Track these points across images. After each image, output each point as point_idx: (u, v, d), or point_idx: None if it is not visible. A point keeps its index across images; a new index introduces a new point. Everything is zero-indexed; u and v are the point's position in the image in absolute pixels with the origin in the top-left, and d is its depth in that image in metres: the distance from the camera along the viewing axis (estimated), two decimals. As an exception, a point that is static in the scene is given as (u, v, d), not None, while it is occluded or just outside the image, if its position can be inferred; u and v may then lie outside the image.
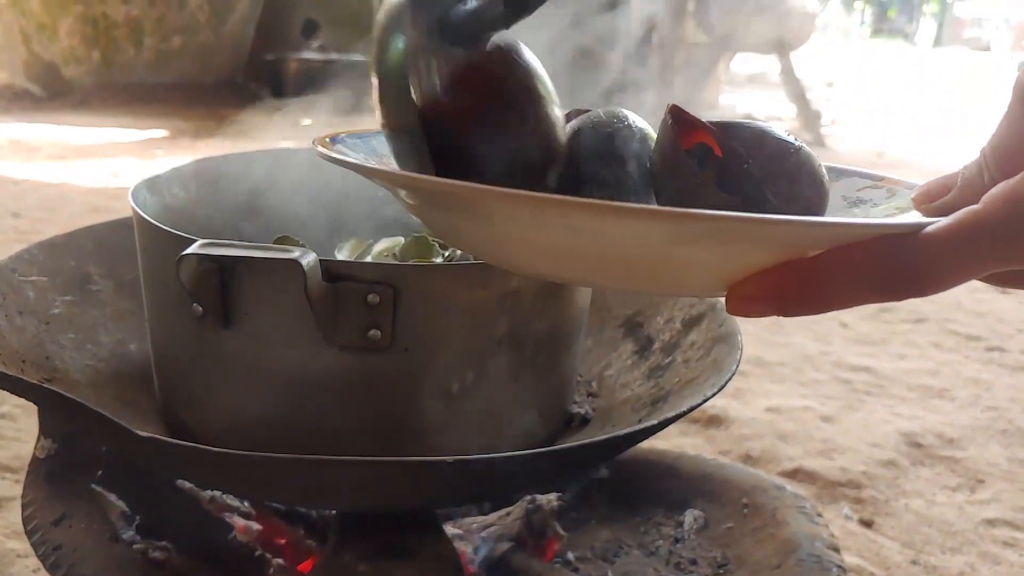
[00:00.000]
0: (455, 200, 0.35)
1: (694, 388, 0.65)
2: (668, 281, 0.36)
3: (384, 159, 0.45)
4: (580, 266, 0.35)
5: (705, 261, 0.32)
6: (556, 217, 0.32)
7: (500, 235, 0.35)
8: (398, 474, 0.53)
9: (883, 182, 0.44)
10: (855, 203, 0.44)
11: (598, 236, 0.32)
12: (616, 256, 0.33)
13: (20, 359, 0.64)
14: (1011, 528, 1.20)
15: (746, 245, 0.31)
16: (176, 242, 0.56)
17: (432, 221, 0.40)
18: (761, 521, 0.77)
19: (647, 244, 0.32)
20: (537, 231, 0.33)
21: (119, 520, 0.68)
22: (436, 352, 0.57)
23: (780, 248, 0.31)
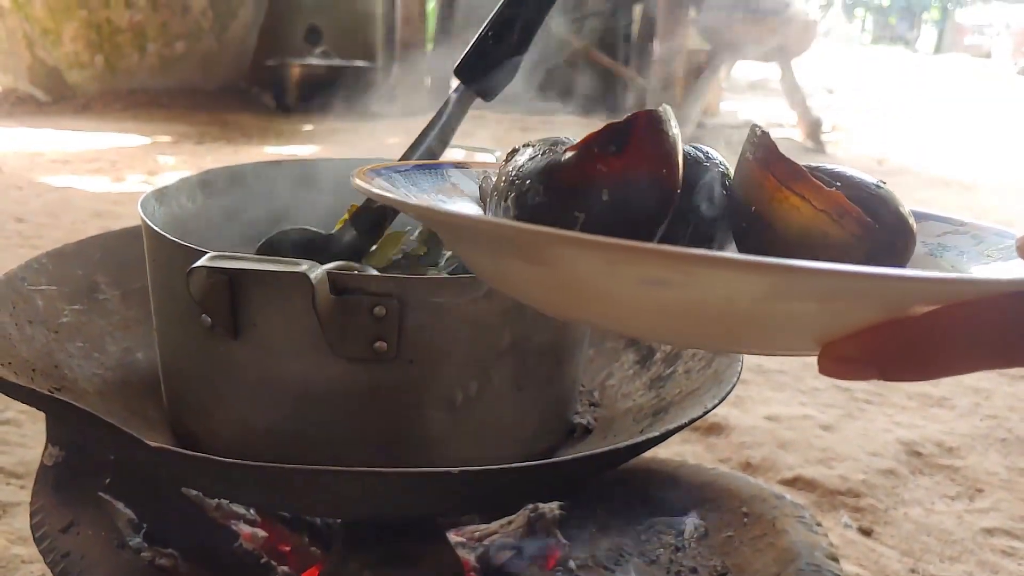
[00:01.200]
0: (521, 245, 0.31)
1: (695, 399, 0.66)
2: (753, 340, 0.33)
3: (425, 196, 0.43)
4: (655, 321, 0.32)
5: (801, 318, 0.29)
6: (636, 267, 0.28)
7: (566, 283, 0.31)
8: (404, 485, 0.54)
9: (965, 227, 0.41)
10: (936, 250, 0.40)
11: (683, 288, 0.28)
12: (698, 311, 0.30)
13: (31, 368, 0.64)
14: (1010, 537, 1.20)
15: (852, 301, 0.28)
16: (186, 254, 0.56)
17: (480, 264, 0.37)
18: (761, 530, 0.78)
19: (740, 298, 0.28)
20: (609, 281, 0.30)
21: (126, 527, 0.69)
22: (441, 363, 0.58)
23: (888, 306, 0.28)
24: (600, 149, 0.37)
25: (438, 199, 0.44)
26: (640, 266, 0.28)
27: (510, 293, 0.37)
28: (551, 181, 0.37)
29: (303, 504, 0.64)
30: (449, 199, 0.45)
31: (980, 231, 0.40)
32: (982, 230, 0.41)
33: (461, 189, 0.46)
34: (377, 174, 0.42)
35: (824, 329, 0.29)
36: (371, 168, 0.42)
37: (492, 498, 0.67)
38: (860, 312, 0.28)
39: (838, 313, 0.28)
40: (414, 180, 0.44)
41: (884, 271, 0.27)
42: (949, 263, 0.40)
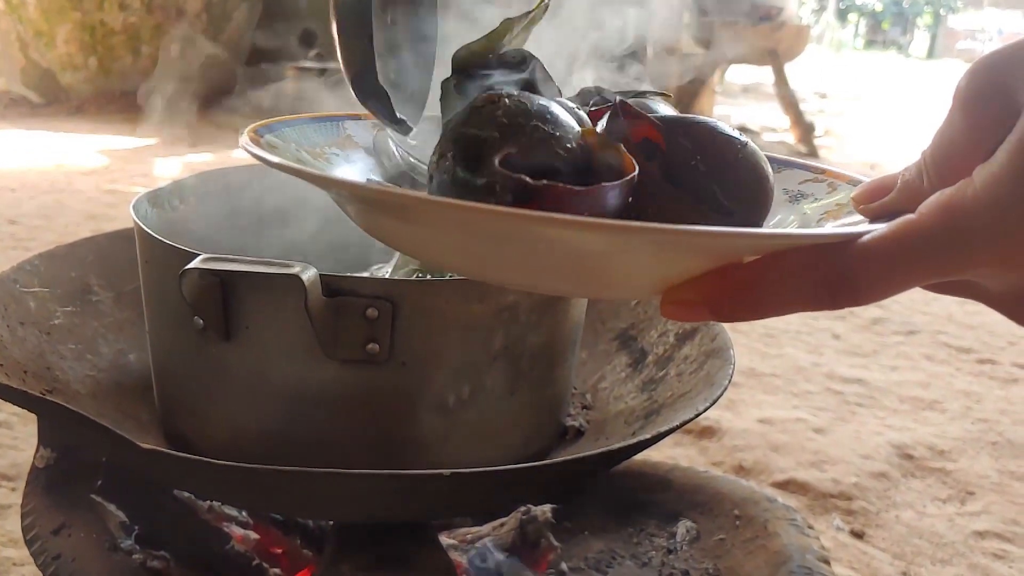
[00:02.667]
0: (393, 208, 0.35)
1: (687, 402, 0.66)
2: (600, 285, 0.36)
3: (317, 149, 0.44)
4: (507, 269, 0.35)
5: (639, 267, 0.32)
6: (488, 226, 0.31)
7: (431, 239, 0.35)
8: (396, 487, 0.54)
9: (824, 175, 0.44)
10: (796, 197, 0.44)
11: (526, 244, 0.32)
12: (545, 262, 0.33)
13: (22, 370, 0.64)
14: (1001, 540, 1.21)
15: (682, 253, 0.31)
16: (178, 256, 0.56)
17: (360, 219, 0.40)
18: (753, 533, 0.78)
19: (581, 253, 0.32)
20: (469, 239, 0.33)
21: (118, 530, 0.69)
22: (433, 366, 0.58)
23: (715, 256, 0.31)
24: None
25: (332, 152, 0.45)
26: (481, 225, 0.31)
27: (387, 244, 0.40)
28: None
29: (295, 506, 0.64)
30: (342, 152, 0.46)
31: (837, 180, 0.43)
32: (838, 178, 0.43)
33: (355, 141, 0.47)
34: (268, 130, 0.42)
35: (662, 276, 0.32)
36: (261, 124, 0.42)
37: (484, 500, 0.67)
38: (691, 261, 0.32)
39: (672, 262, 0.32)
40: (305, 134, 0.45)
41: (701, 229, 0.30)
42: (802, 210, 0.43)
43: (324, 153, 0.44)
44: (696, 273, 0.32)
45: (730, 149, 0.37)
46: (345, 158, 0.45)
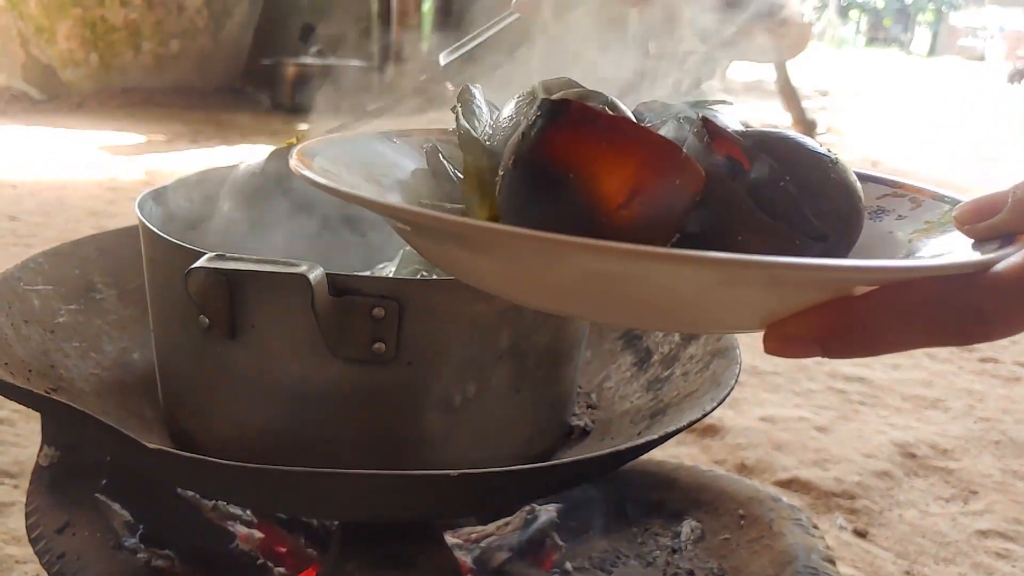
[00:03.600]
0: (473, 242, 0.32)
1: (693, 401, 0.66)
2: (698, 320, 0.33)
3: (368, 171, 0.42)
4: (599, 305, 0.33)
5: (744, 302, 0.30)
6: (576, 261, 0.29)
7: (517, 274, 0.32)
8: (402, 487, 0.53)
9: (903, 189, 0.42)
10: (876, 213, 0.40)
11: (625, 280, 0.29)
12: (641, 298, 0.30)
13: (27, 368, 0.64)
14: (1004, 539, 1.21)
15: (795, 287, 0.29)
16: (184, 255, 0.56)
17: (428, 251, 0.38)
18: (758, 532, 0.78)
19: (684, 288, 0.29)
20: (561, 273, 0.30)
21: (122, 528, 0.69)
22: (439, 365, 0.58)
23: (830, 289, 0.29)
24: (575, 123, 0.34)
25: (382, 175, 0.43)
26: (582, 260, 0.28)
27: (460, 278, 0.37)
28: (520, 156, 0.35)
29: (300, 506, 0.64)
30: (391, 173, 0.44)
31: (918, 194, 0.41)
32: (920, 193, 0.41)
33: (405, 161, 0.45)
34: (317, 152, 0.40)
35: (768, 311, 0.30)
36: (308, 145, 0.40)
37: (491, 500, 0.67)
38: (801, 295, 0.29)
39: (780, 297, 0.29)
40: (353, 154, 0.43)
41: (819, 262, 0.28)
42: (887, 228, 0.40)
43: (375, 176, 0.42)
44: (803, 307, 0.29)
45: (820, 168, 0.35)
46: (397, 180, 0.43)
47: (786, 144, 0.35)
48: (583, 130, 0.32)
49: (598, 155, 0.32)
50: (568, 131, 0.32)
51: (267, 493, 0.59)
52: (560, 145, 0.32)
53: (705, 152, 0.34)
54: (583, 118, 0.32)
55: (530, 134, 0.33)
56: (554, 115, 0.33)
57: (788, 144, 0.35)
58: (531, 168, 0.33)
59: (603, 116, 0.33)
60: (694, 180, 0.32)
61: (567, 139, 0.32)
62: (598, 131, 0.32)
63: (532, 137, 0.33)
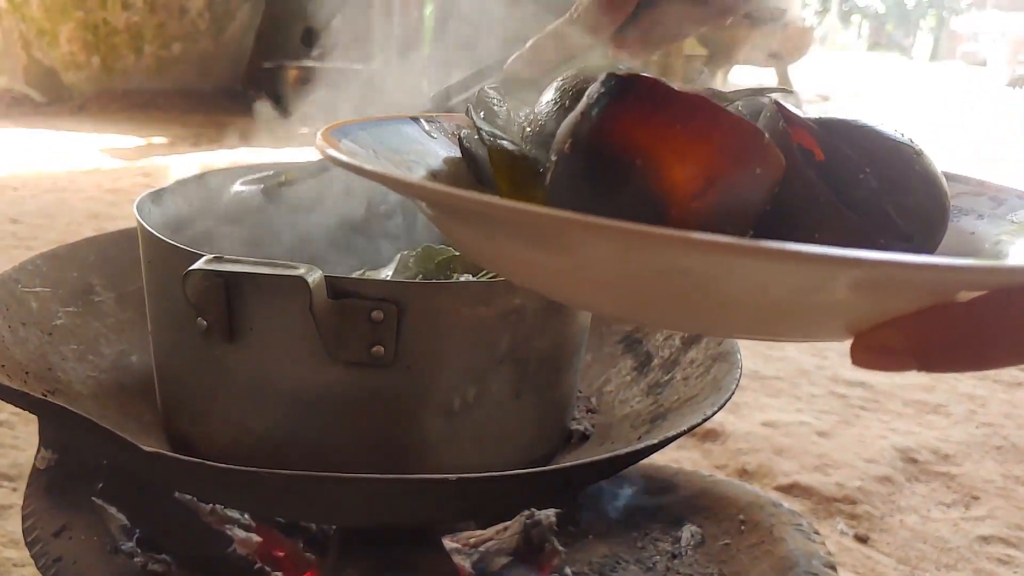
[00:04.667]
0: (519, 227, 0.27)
1: (693, 406, 0.66)
2: (782, 328, 0.30)
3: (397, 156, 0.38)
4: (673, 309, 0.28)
5: (834, 307, 0.26)
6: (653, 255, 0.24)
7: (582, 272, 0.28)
8: (401, 492, 0.53)
9: (983, 187, 0.38)
10: (954, 214, 0.36)
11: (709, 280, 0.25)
12: (718, 300, 0.26)
13: (23, 371, 0.64)
14: (1005, 545, 1.20)
15: (894, 291, 0.25)
16: (182, 257, 0.56)
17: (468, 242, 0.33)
18: (758, 538, 0.78)
19: (774, 290, 0.25)
20: (634, 272, 0.26)
21: (119, 532, 0.68)
22: (439, 369, 0.58)
23: (933, 294, 0.25)
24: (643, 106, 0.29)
25: (412, 159, 0.39)
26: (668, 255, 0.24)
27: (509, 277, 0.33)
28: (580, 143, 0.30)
29: (298, 510, 0.64)
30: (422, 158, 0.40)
31: (1000, 192, 0.37)
32: (1002, 191, 0.37)
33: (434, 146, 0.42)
34: (343, 134, 0.36)
35: (859, 317, 0.26)
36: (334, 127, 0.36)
37: (490, 505, 0.66)
38: (900, 300, 0.25)
39: (877, 301, 0.25)
40: (380, 138, 0.39)
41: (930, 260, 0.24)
42: (968, 228, 0.37)
43: (405, 160, 0.39)
44: (896, 313, 0.25)
45: (902, 159, 0.32)
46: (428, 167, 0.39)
47: (863, 132, 0.32)
48: (655, 109, 0.28)
49: (672, 138, 0.28)
50: (637, 110, 0.28)
51: (265, 497, 0.59)
52: (628, 126, 0.28)
53: (780, 139, 0.30)
54: (655, 95, 0.28)
55: (591, 113, 0.29)
56: (621, 91, 0.29)
57: (866, 132, 0.32)
58: (592, 152, 0.29)
59: (678, 94, 0.29)
60: (775, 169, 0.29)
61: (636, 119, 0.28)
62: (672, 110, 0.28)
63: (594, 117, 0.29)
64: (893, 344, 0.26)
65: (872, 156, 0.31)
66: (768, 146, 0.29)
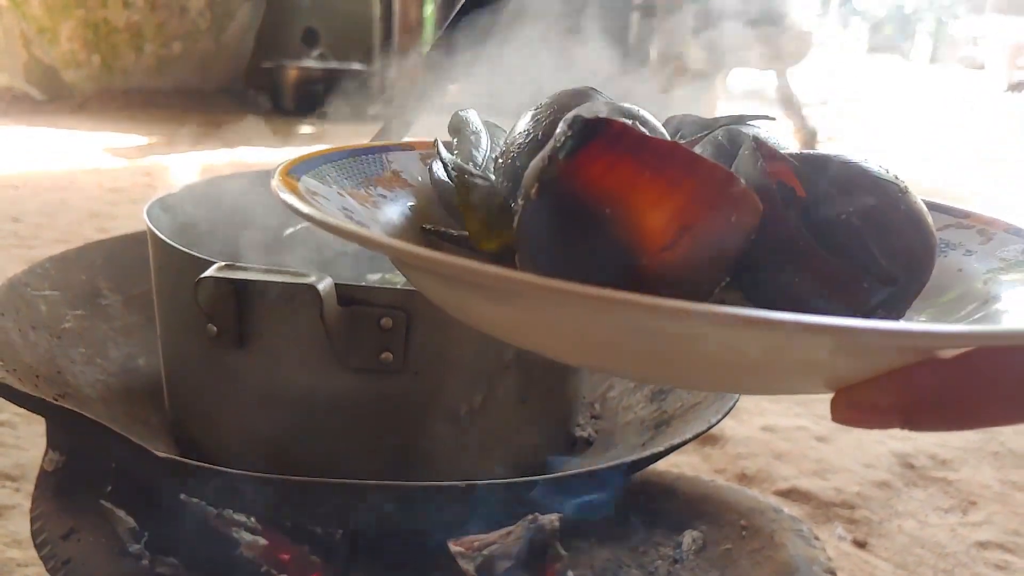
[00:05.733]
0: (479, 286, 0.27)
1: (697, 413, 0.66)
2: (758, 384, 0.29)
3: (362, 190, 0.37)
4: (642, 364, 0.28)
5: (812, 366, 0.25)
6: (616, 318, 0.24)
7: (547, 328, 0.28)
8: (411, 498, 0.54)
9: (970, 219, 0.37)
10: (941, 249, 0.34)
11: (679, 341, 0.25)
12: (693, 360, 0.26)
13: (34, 374, 0.64)
14: (1003, 551, 1.21)
15: (875, 352, 0.24)
16: (194, 264, 0.57)
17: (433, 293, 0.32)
18: (759, 543, 0.78)
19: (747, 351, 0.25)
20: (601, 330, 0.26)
21: (127, 535, 0.69)
22: (447, 375, 0.59)
23: (915, 353, 0.24)
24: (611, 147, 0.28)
25: (378, 194, 0.37)
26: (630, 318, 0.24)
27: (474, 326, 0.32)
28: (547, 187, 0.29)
29: (306, 515, 0.64)
30: (390, 192, 0.38)
31: (987, 226, 0.36)
32: (989, 225, 0.36)
33: (403, 178, 0.40)
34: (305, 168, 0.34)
35: (839, 375, 0.25)
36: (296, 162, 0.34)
37: (497, 512, 0.67)
38: (882, 359, 0.25)
39: (857, 361, 0.25)
40: (346, 171, 0.37)
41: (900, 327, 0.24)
42: (956, 265, 0.35)
43: (371, 196, 0.37)
44: (878, 371, 0.24)
45: (887, 197, 0.30)
46: (394, 200, 0.38)
47: (846, 168, 0.31)
48: (623, 154, 0.27)
49: (641, 185, 0.27)
50: (605, 155, 0.27)
51: (273, 502, 0.59)
52: (595, 172, 0.27)
53: (757, 178, 0.30)
54: (624, 140, 0.27)
55: (559, 157, 0.28)
56: (588, 135, 0.27)
57: (849, 168, 0.31)
58: (559, 198, 0.28)
59: (648, 139, 0.28)
60: (751, 215, 0.28)
61: (604, 165, 0.27)
62: (642, 156, 0.27)
63: (562, 161, 0.28)
64: (875, 401, 0.25)
65: (855, 194, 0.30)
66: (744, 192, 0.28)
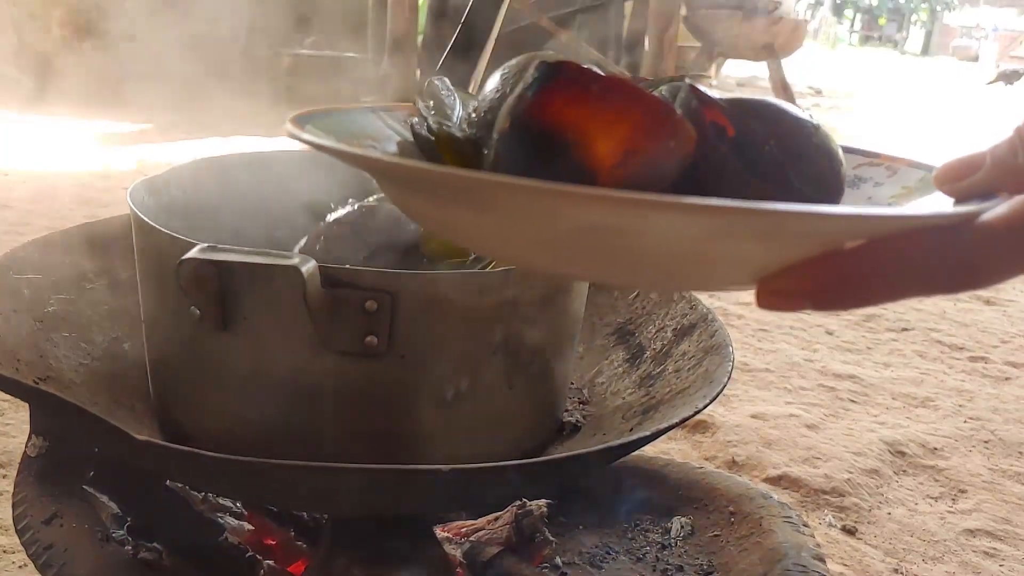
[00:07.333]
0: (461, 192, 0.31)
1: (685, 398, 0.66)
2: (692, 278, 0.34)
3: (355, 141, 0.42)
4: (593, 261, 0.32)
5: (736, 256, 0.30)
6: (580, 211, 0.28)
7: (506, 229, 0.32)
8: (394, 482, 0.53)
9: (879, 159, 0.43)
10: (854, 182, 0.41)
11: (619, 232, 0.29)
12: (637, 252, 0.30)
13: (15, 358, 0.64)
14: (991, 538, 1.21)
15: (789, 239, 0.29)
16: (176, 245, 0.56)
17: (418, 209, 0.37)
18: (747, 529, 0.78)
19: (681, 239, 0.29)
20: (556, 226, 0.30)
21: (110, 520, 0.68)
22: (432, 359, 0.58)
23: (824, 241, 0.29)
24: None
25: (368, 144, 0.43)
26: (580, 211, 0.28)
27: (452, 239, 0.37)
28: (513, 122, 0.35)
29: (291, 500, 0.64)
30: (379, 144, 0.44)
31: (895, 164, 0.42)
32: (895, 162, 0.42)
33: (390, 133, 0.46)
34: (307, 120, 0.41)
35: (759, 265, 0.30)
36: (299, 115, 0.41)
37: (483, 496, 0.67)
38: (793, 248, 0.29)
39: (772, 249, 0.29)
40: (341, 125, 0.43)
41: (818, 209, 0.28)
42: (866, 194, 0.41)
43: (362, 145, 0.43)
44: (793, 261, 0.30)
45: (803, 133, 0.36)
46: (382, 150, 0.44)
47: (769, 110, 0.36)
48: (580, 90, 0.32)
49: (594, 115, 0.32)
50: (565, 91, 0.33)
51: (257, 486, 0.59)
52: (557, 106, 0.33)
53: (693, 117, 0.35)
54: (580, 78, 0.33)
55: (527, 95, 0.33)
56: (551, 75, 0.33)
57: (771, 110, 0.36)
58: (527, 128, 0.33)
59: (600, 76, 0.33)
60: (686, 142, 0.33)
61: (564, 100, 0.33)
62: (595, 91, 0.32)
63: (529, 98, 0.33)
64: (789, 287, 0.30)
65: (777, 131, 0.35)
66: (680, 121, 0.33)
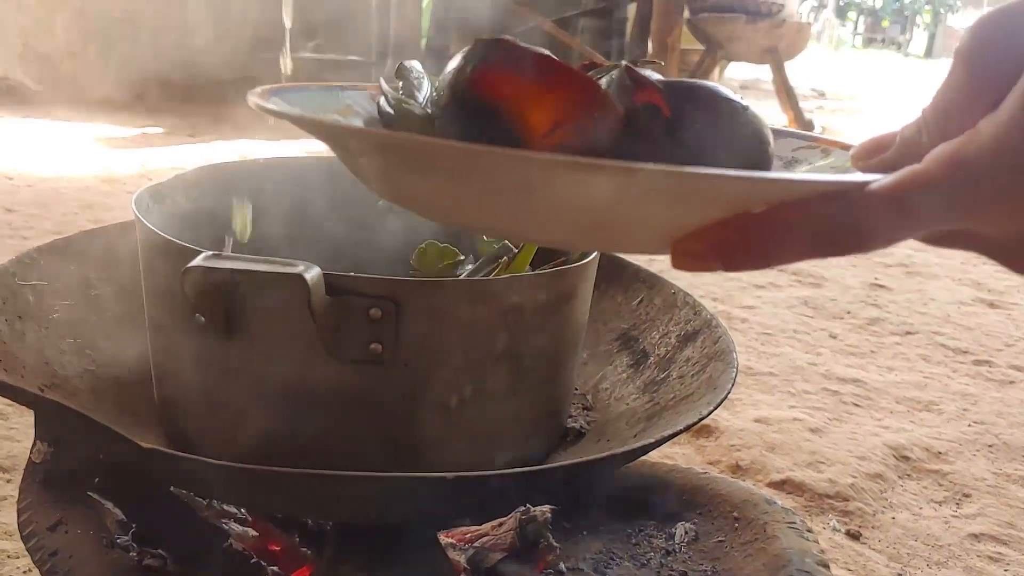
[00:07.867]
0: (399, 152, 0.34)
1: (689, 404, 0.66)
2: (608, 239, 0.36)
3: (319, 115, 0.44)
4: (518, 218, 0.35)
5: (649, 217, 0.32)
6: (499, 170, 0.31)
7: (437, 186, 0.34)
8: (399, 490, 0.53)
9: (817, 142, 0.45)
10: (791, 163, 0.45)
11: (542, 191, 0.31)
12: (558, 210, 0.32)
13: (20, 365, 0.64)
14: (996, 543, 1.21)
15: (695, 201, 0.31)
16: (181, 253, 0.56)
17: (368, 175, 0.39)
18: (752, 535, 0.78)
19: (595, 198, 0.31)
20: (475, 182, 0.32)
21: (115, 527, 0.68)
22: (436, 366, 0.58)
23: (727, 204, 0.31)
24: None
25: (333, 118, 0.46)
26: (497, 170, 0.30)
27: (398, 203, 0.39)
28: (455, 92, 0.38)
29: (296, 507, 0.64)
30: (344, 119, 0.47)
31: (829, 146, 0.44)
32: (830, 144, 0.44)
33: (356, 110, 0.48)
34: (275, 94, 0.43)
35: (672, 227, 0.32)
36: (268, 89, 0.44)
37: (487, 503, 0.67)
38: (703, 210, 0.32)
39: (683, 212, 0.32)
40: (308, 100, 0.46)
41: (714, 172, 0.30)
42: (800, 172, 0.43)
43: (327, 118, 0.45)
44: (704, 223, 0.32)
45: (733, 113, 0.38)
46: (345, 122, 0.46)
47: (702, 92, 0.38)
48: (512, 66, 0.36)
49: (525, 88, 0.35)
50: (500, 67, 0.36)
51: (262, 493, 0.59)
52: (491, 80, 0.36)
53: (628, 97, 0.37)
54: (514, 56, 0.36)
55: (465, 71, 0.36)
56: (486, 52, 0.36)
57: (704, 92, 0.38)
58: (465, 102, 0.37)
59: (531, 53, 0.36)
60: (612, 115, 0.36)
61: (498, 74, 0.36)
62: (526, 67, 0.35)
63: (467, 73, 0.36)
64: (700, 249, 0.32)
65: (708, 111, 0.37)
66: (604, 96, 0.36)
